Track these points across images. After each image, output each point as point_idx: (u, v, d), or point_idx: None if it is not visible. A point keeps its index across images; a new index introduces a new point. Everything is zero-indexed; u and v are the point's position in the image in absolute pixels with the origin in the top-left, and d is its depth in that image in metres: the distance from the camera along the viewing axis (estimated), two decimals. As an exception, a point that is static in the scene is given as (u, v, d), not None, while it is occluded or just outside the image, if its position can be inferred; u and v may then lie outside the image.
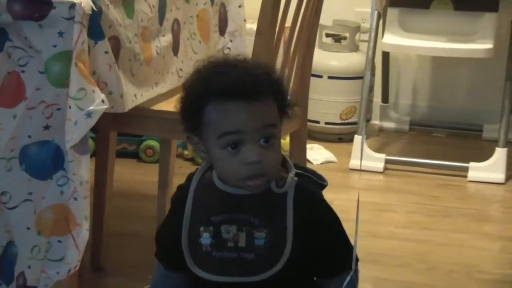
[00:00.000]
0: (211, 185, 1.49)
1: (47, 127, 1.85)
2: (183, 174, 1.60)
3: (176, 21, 2.38)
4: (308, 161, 3.19)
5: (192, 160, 3.43)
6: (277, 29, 2.37)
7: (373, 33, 3.58)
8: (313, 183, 1.51)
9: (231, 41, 2.71)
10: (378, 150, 3.62)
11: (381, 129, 4.02)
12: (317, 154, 3.59)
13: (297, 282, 1.49)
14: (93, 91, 1.84)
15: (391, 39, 3.53)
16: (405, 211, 3.06)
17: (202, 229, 1.47)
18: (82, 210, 1.86)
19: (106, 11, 1.93)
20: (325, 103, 3.77)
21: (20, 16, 1.80)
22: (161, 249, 1.58)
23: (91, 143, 2.59)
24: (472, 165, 3.40)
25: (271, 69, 1.50)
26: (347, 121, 3.80)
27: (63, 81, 1.82)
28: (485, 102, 3.97)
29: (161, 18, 2.27)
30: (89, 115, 1.82)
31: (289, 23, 2.48)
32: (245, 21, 2.75)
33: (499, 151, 3.41)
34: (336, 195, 2.96)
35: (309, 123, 2.96)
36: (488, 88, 3.95)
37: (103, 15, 1.91)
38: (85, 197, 1.86)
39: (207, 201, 1.49)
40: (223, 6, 2.69)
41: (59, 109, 1.83)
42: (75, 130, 1.81)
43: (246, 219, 1.45)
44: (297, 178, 1.48)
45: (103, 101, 1.85)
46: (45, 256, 1.88)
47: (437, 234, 2.85)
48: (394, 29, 3.55)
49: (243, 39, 2.73)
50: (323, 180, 1.52)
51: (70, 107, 1.81)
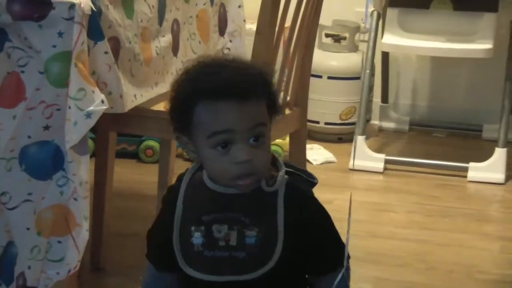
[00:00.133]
0: (201, 185, 1.49)
1: (47, 128, 1.85)
2: (183, 174, 1.60)
3: (175, 22, 2.38)
4: (307, 161, 3.18)
5: (192, 160, 3.42)
6: (277, 29, 2.37)
7: (373, 33, 3.58)
8: (303, 181, 1.51)
9: (231, 41, 2.71)
10: (377, 150, 3.61)
11: (381, 129, 4.02)
12: (317, 154, 3.59)
13: (288, 280, 1.49)
14: (93, 91, 1.84)
15: (391, 39, 3.53)
16: (405, 211, 3.06)
17: (193, 228, 1.47)
18: (82, 210, 1.86)
19: (105, 11, 1.93)
20: (324, 103, 3.77)
21: (20, 16, 1.79)
22: (152, 250, 1.58)
23: (90, 143, 2.59)
24: (472, 165, 3.40)
25: (261, 68, 1.50)
26: (346, 121, 3.80)
27: (62, 82, 1.82)
28: (484, 102, 3.97)
29: (161, 18, 2.27)
30: (89, 115, 1.82)
31: (288, 23, 2.48)
32: (244, 21, 2.75)
33: (499, 151, 3.41)
34: (335, 195, 2.96)
35: (309, 123, 2.95)
36: (487, 88, 3.95)
37: (102, 16, 1.91)
38: (85, 197, 1.86)
39: (197, 201, 1.49)
40: (222, 6, 2.69)
41: (58, 110, 1.83)
42: (74, 130, 1.81)
43: (237, 218, 1.45)
44: (287, 176, 1.48)
45: (102, 102, 1.85)
46: (45, 256, 1.88)
47: (437, 234, 2.85)
48: (393, 29, 3.55)
49: (242, 39, 2.73)
50: (313, 178, 1.52)
51: (69, 108, 1.81)
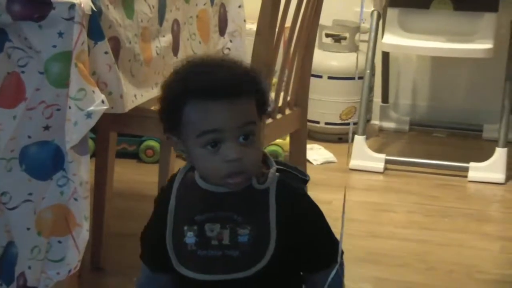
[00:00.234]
0: (193, 184, 1.50)
1: (47, 128, 1.85)
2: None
3: (176, 22, 2.37)
4: (308, 161, 3.19)
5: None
6: (277, 30, 2.37)
7: (373, 33, 3.59)
8: (295, 179, 1.51)
9: (231, 42, 2.71)
10: (378, 150, 3.61)
11: (381, 129, 4.02)
12: (317, 154, 3.59)
13: (282, 278, 1.49)
14: (93, 91, 1.83)
15: (391, 39, 3.53)
16: (405, 211, 3.06)
17: (186, 228, 1.47)
18: (82, 210, 1.86)
19: (105, 11, 1.93)
20: (325, 103, 3.77)
21: (20, 16, 1.79)
22: (146, 251, 1.58)
23: (91, 143, 2.59)
24: (472, 165, 3.40)
25: (250, 67, 1.50)
26: (347, 121, 3.80)
27: (63, 82, 1.81)
28: (485, 102, 3.97)
29: (161, 18, 2.27)
30: (89, 115, 1.82)
31: (289, 23, 2.48)
32: (245, 21, 2.75)
33: (499, 151, 3.41)
34: (335, 195, 2.96)
35: (309, 123, 2.96)
36: (488, 88, 3.95)
37: (102, 16, 1.91)
38: (85, 198, 1.86)
39: (190, 200, 1.49)
40: (223, 6, 2.69)
41: (59, 110, 1.83)
42: (75, 130, 1.81)
43: (229, 216, 1.45)
44: (278, 173, 1.48)
45: (103, 102, 1.85)
46: (45, 256, 1.88)
47: (437, 234, 2.85)
48: (394, 29, 3.55)
49: (242, 40, 2.73)
50: (305, 175, 1.53)
51: (70, 108, 1.81)
